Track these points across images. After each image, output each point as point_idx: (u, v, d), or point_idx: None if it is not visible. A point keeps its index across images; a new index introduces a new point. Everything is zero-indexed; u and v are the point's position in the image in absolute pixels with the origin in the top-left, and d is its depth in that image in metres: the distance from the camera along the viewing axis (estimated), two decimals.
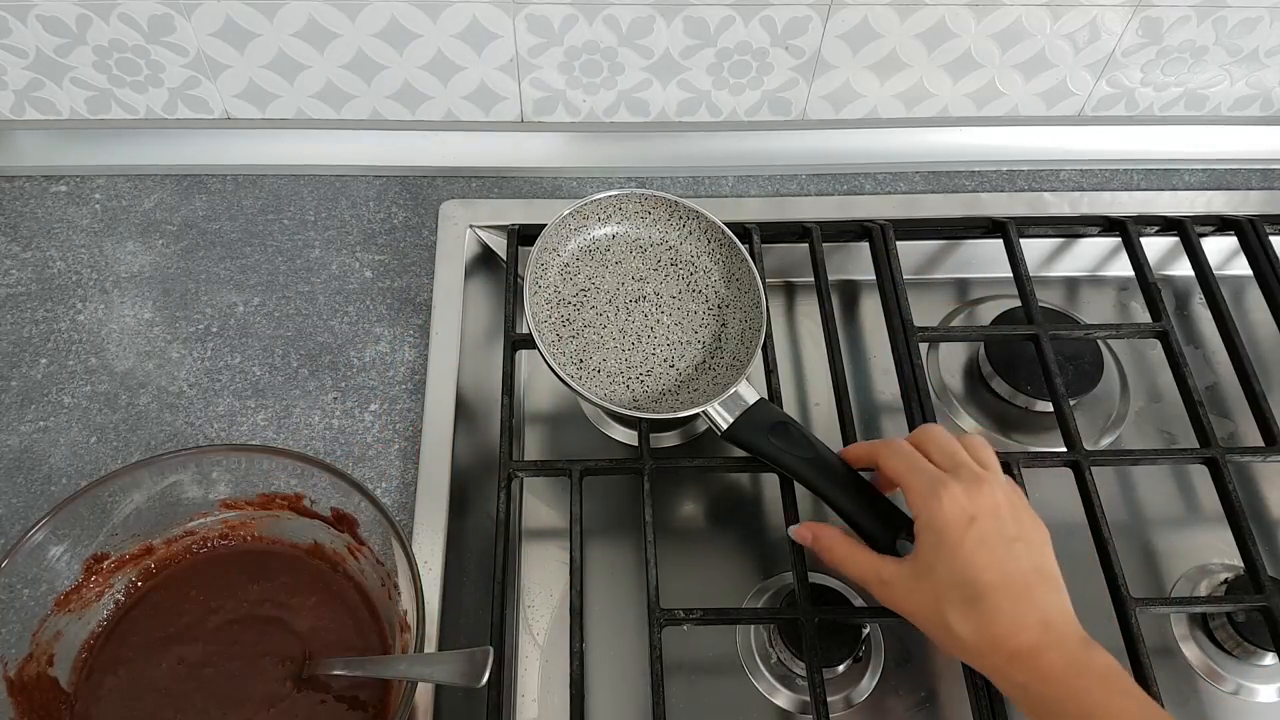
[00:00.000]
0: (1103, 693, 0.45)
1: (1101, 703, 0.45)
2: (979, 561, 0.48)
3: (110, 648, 0.53)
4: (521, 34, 0.70)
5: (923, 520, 0.50)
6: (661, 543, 0.64)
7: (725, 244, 0.64)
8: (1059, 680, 0.46)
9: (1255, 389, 0.65)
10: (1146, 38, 0.74)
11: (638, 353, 0.62)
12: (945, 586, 0.48)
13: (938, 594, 0.49)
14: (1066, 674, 0.46)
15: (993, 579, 0.48)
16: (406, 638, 0.50)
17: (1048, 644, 0.47)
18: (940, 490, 0.50)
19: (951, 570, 0.48)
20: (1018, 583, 0.48)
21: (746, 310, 0.63)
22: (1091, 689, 0.45)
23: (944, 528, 0.49)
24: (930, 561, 0.49)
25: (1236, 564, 0.62)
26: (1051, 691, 0.46)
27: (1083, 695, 0.45)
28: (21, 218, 0.74)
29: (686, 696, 0.60)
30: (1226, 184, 0.80)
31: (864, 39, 0.72)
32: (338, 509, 0.54)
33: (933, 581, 0.49)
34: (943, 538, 0.49)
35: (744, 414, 0.58)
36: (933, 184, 0.79)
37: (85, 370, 0.67)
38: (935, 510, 0.49)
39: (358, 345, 0.69)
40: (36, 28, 0.69)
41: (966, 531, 0.48)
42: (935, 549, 0.49)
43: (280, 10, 0.68)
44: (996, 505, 0.50)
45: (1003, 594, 0.47)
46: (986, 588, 0.47)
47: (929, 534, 0.49)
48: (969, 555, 0.48)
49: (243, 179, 0.77)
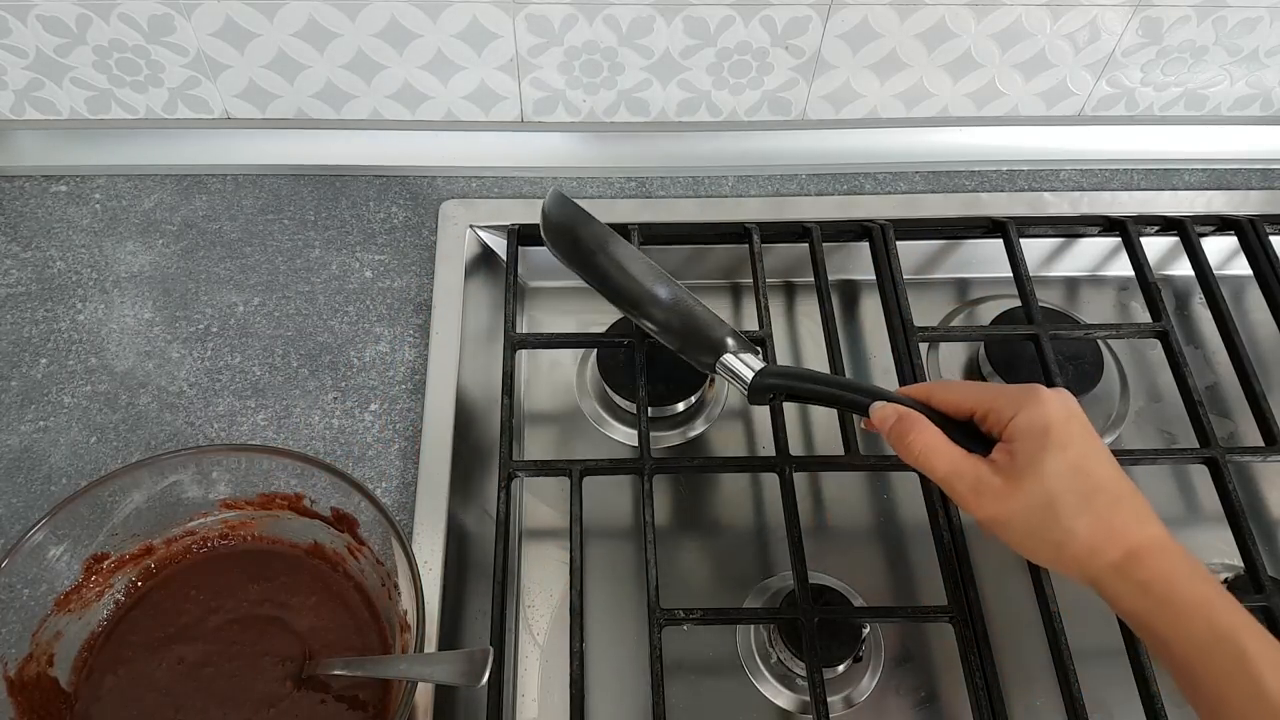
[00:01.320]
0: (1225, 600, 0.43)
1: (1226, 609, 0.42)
2: (1091, 456, 0.46)
3: (110, 648, 0.53)
4: (521, 34, 0.70)
5: (1020, 422, 0.47)
6: (661, 543, 0.64)
7: None
8: (1183, 579, 0.43)
9: (1255, 389, 0.65)
10: (1146, 38, 0.74)
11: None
12: (1058, 483, 0.45)
13: (1049, 492, 0.45)
14: (1190, 575, 0.43)
15: (1109, 472, 0.46)
16: (406, 638, 0.50)
17: (1163, 542, 0.45)
18: (1034, 392, 0.47)
19: (1065, 464, 0.45)
20: (1124, 481, 0.46)
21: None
22: (1214, 595, 0.43)
23: (1049, 424, 0.46)
24: (1035, 460, 0.46)
25: (1236, 564, 0.62)
26: (1175, 591, 0.43)
27: (1207, 600, 0.43)
28: (21, 218, 0.74)
29: (686, 696, 0.60)
30: (1226, 184, 0.80)
31: (864, 39, 0.72)
32: (338, 509, 0.54)
33: (1041, 480, 0.45)
34: (1048, 434, 0.46)
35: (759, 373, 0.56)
36: (933, 184, 0.79)
37: (85, 370, 0.67)
38: (1035, 409, 0.47)
39: (358, 345, 0.69)
40: (36, 28, 0.69)
41: (1070, 428, 0.46)
42: (1041, 446, 0.46)
43: (280, 10, 0.68)
44: (1080, 409, 0.48)
45: (1119, 489, 0.46)
46: (1104, 480, 0.46)
47: (1030, 434, 0.46)
48: (1081, 449, 0.46)
49: (243, 179, 0.77)
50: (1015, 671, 0.60)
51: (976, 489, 0.47)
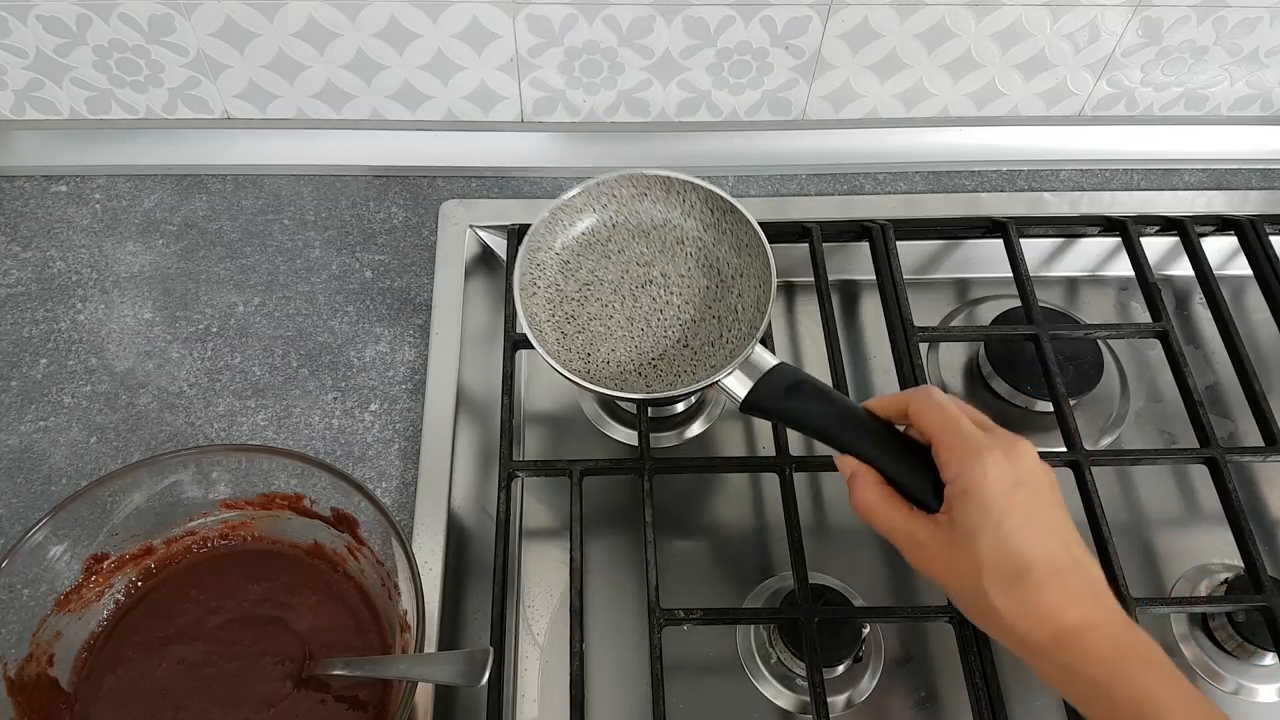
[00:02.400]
0: (1152, 676, 0.42)
1: (1151, 687, 0.42)
2: (1025, 535, 0.44)
3: (110, 648, 0.53)
4: (521, 34, 0.70)
5: (960, 486, 0.46)
6: (661, 543, 0.64)
7: (728, 211, 0.59)
8: (1107, 661, 0.42)
9: (1255, 389, 0.65)
10: (1146, 38, 0.74)
11: (648, 338, 0.58)
12: (988, 559, 0.44)
13: (979, 566, 0.45)
14: (1115, 655, 0.43)
15: (1040, 554, 0.44)
16: (406, 638, 0.50)
17: (1095, 622, 0.43)
18: (984, 454, 0.46)
19: (996, 542, 0.44)
20: (1064, 557, 0.45)
21: (759, 275, 0.58)
22: (1139, 672, 0.42)
23: (986, 495, 0.45)
24: (972, 531, 0.45)
25: (1236, 564, 0.62)
26: (1100, 673, 0.42)
27: (1133, 679, 0.42)
28: (21, 218, 0.74)
29: (686, 696, 0.60)
30: (1226, 184, 0.80)
31: (864, 39, 0.72)
32: (338, 509, 0.54)
33: (973, 552, 0.45)
34: (985, 506, 0.45)
35: (761, 380, 0.53)
36: (933, 184, 0.79)
37: (85, 370, 0.67)
38: (978, 476, 0.45)
39: (358, 345, 0.69)
40: (36, 28, 0.69)
41: (1011, 499, 0.45)
42: (979, 518, 0.45)
43: (280, 10, 0.68)
44: (1036, 468, 0.46)
45: (1051, 569, 0.44)
46: (1034, 562, 0.44)
47: (970, 502, 0.45)
48: (1015, 528, 0.44)
49: (243, 179, 0.77)
50: (1015, 671, 0.60)
51: (920, 549, 0.47)
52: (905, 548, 0.48)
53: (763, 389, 0.53)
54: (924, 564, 0.48)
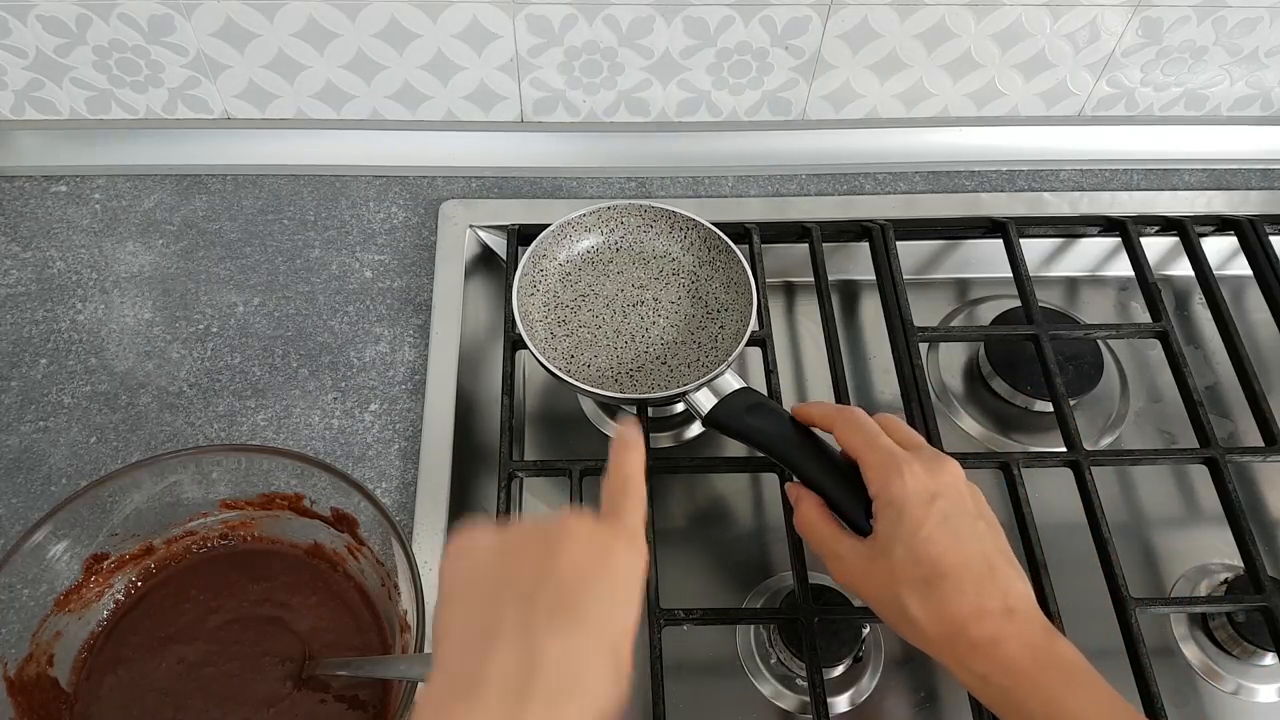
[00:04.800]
0: (1066, 686, 0.43)
1: (1065, 697, 0.42)
2: (940, 541, 0.45)
3: (110, 648, 0.53)
4: (521, 34, 0.70)
5: (882, 497, 0.47)
6: (661, 543, 0.64)
7: (724, 250, 0.64)
8: (1022, 672, 0.43)
9: (1255, 389, 0.65)
10: (1146, 38, 0.74)
11: (630, 351, 0.63)
12: (903, 567, 0.45)
13: (895, 575, 0.45)
14: (1030, 665, 0.43)
15: (955, 560, 0.45)
16: (406, 638, 0.50)
17: (1011, 632, 0.44)
18: (902, 465, 0.47)
19: (911, 550, 0.45)
20: (980, 565, 0.45)
21: (741, 311, 0.63)
22: (1055, 682, 0.43)
23: (904, 505, 0.46)
24: (888, 540, 0.46)
25: (1236, 564, 0.62)
26: (1014, 684, 0.43)
27: (1046, 689, 0.42)
28: (21, 218, 0.74)
29: (686, 696, 0.60)
30: (1226, 184, 0.80)
31: (864, 39, 0.72)
32: (338, 509, 0.54)
33: (890, 562, 0.46)
34: (902, 515, 0.46)
35: (725, 399, 0.57)
36: (933, 184, 0.79)
37: (85, 370, 0.67)
38: (896, 486, 0.46)
39: (358, 345, 0.69)
40: (36, 28, 0.69)
41: (928, 509, 0.46)
42: (894, 527, 0.46)
43: (280, 10, 0.68)
44: (958, 483, 0.48)
45: (965, 576, 0.44)
46: (949, 569, 0.44)
47: (888, 511, 0.46)
48: (930, 534, 0.45)
49: (243, 179, 0.77)
50: None
51: (840, 561, 0.49)
52: (829, 562, 0.50)
53: (724, 407, 0.57)
54: (846, 577, 0.49)
